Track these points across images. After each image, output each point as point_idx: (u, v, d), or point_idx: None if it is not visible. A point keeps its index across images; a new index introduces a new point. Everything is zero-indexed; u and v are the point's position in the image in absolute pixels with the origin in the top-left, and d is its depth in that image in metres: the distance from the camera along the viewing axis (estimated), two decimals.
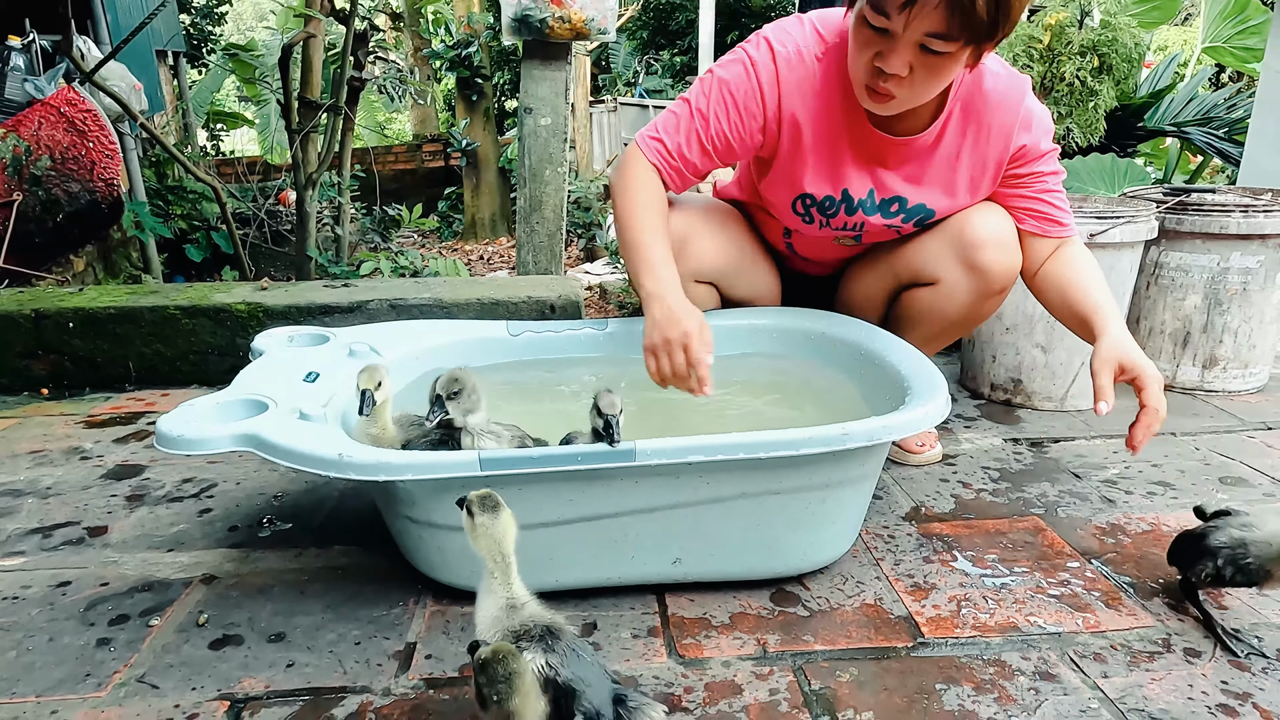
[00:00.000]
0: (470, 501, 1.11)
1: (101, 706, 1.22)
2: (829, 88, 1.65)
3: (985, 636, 1.36)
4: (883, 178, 1.73)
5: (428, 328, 1.93)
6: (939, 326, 1.84)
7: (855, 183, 1.73)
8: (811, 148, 1.70)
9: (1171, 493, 1.84)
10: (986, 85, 1.65)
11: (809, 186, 1.75)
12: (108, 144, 2.92)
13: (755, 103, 1.66)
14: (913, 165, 1.72)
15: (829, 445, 1.30)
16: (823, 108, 1.66)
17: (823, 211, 1.79)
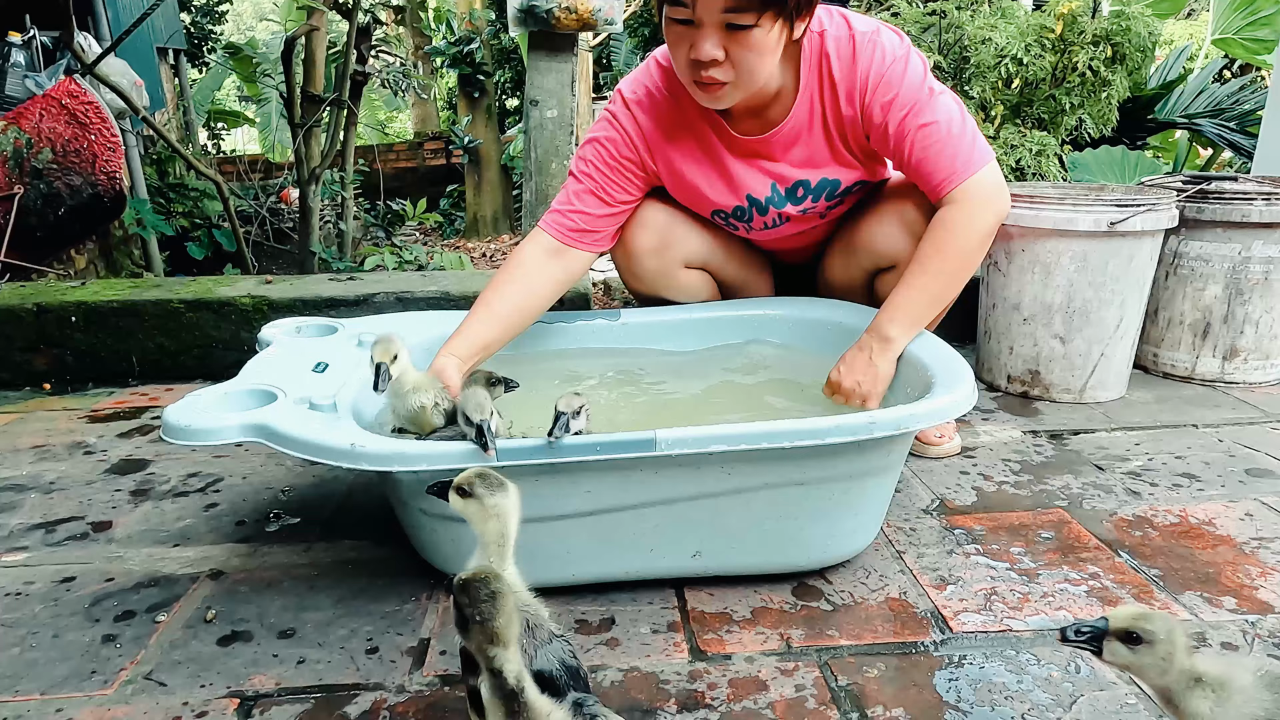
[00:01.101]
0: (472, 483, 1.05)
1: (108, 704, 1.19)
2: (688, 114, 1.71)
3: (1015, 631, 1.32)
4: (775, 170, 1.73)
5: (438, 319, 1.89)
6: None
7: (754, 184, 1.75)
8: (694, 170, 1.75)
9: (1198, 485, 1.80)
10: (830, 51, 1.61)
11: (716, 200, 1.79)
12: (110, 137, 2.88)
13: (627, 148, 1.74)
14: (798, 148, 1.71)
15: (855, 434, 1.27)
16: (688, 133, 1.72)
17: (741, 219, 1.82)
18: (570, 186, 1.77)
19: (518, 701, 0.86)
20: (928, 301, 1.62)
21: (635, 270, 1.91)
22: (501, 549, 1.06)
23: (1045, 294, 2.21)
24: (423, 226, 8.42)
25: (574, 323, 1.90)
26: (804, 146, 1.71)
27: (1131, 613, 0.90)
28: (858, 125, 1.65)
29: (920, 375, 1.53)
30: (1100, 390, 2.27)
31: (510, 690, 0.86)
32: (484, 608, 0.86)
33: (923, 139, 1.58)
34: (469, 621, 0.86)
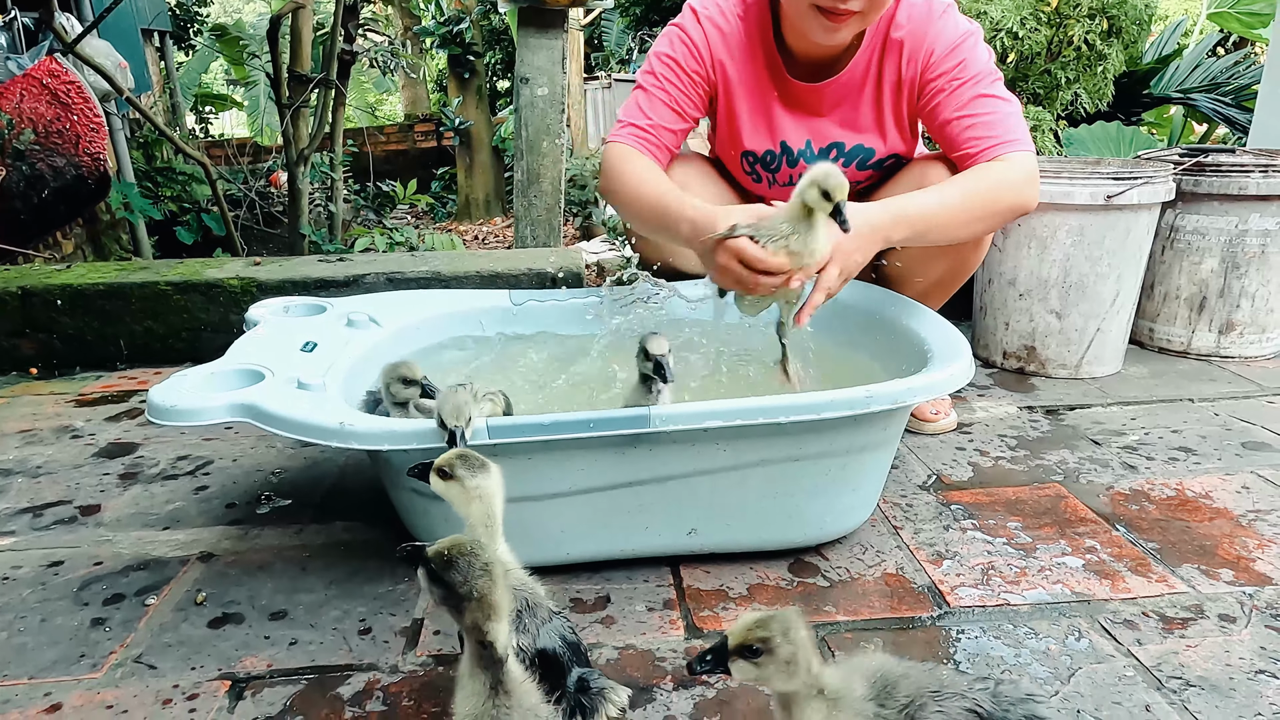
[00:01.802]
0: (452, 465, 1.03)
1: (97, 688, 1.17)
2: (752, 44, 1.70)
3: (1012, 605, 1.32)
4: (817, 126, 1.74)
5: (428, 297, 1.87)
6: (927, 283, 1.80)
7: (791, 134, 1.76)
8: (743, 102, 1.75)
9: (1194, 458, 1.80)
10: (899, 15, 1.63)
11: (749, 143, 1.79)
12: (92, 117, 2.83)
13: (695, 59, 1.71)
14: (843, 109, 1.72)
15: (853, 408, 1.25)
16: (748, 63, 1.71)
17: (766, 168, 1.82)
18: (642, 101, 1.73)
19: (502, 671, 0.84)
20: (940, 223, 1.53)
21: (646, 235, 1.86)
22: (490, 529, 1.04)
23: (1041, 269, 2.19)
24: (414, 210, 8.35)
25: (566, 301, 1.88)
26: (850, 106, 1.72)
27: (746, 623, 0.82)
28: (914, 87, 1.65)
29: (917, 350, 1.52)
30: (1096, 365, 2.26)
31: (498, 659, 0.84)
32: (481, 582, 0.82)
33: (984, 105, 1.59)
34: (465, 599, 0.83)
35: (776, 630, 0.81)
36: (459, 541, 0.85)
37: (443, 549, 0.84)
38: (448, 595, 0.83)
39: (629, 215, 1.72)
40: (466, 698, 0.86)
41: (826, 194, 1.28)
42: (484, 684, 0.84)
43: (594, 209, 6.64)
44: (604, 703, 0.97)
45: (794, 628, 0.81)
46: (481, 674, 0.84)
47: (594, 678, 0.99)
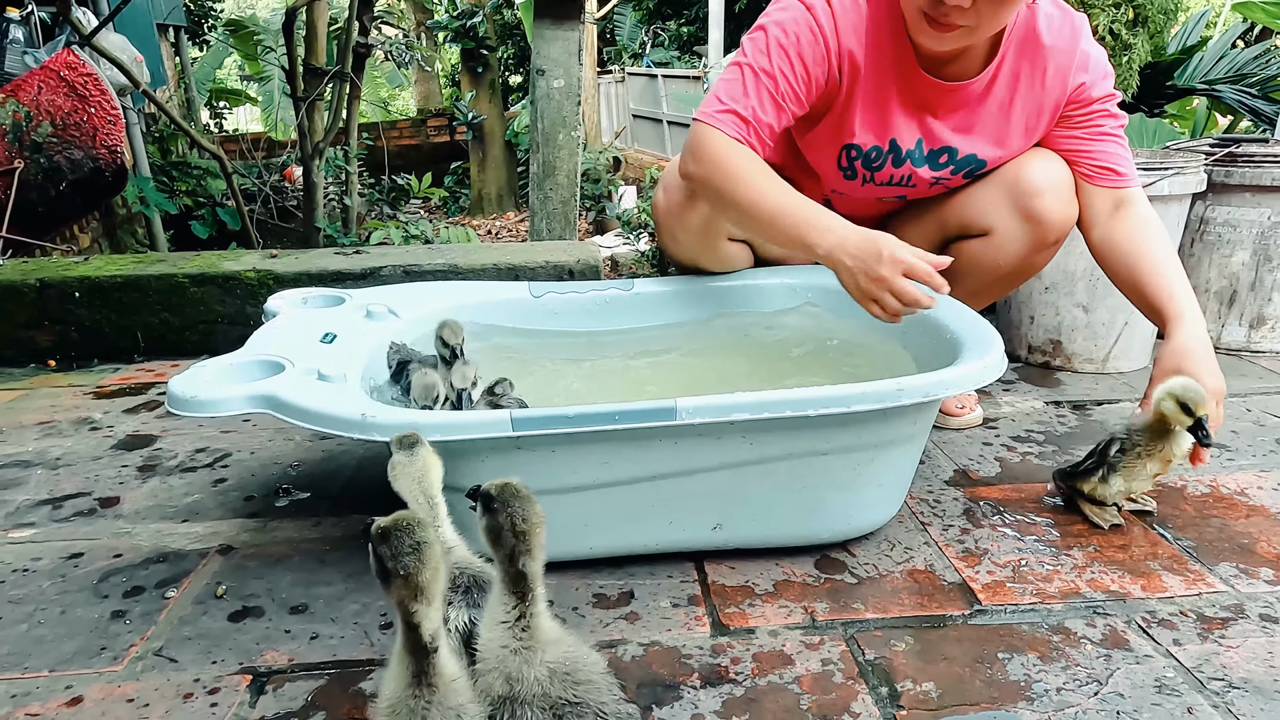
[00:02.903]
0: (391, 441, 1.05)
1: (118, 680, 1.16)
2: (878, 29, 1.55)
3: (1046, 603, 1.29)
4: (932, 127, 1.64)
5: (447, 289, 1.85)
6: (988, 280, 1.75)
7: (904, 132, 1.65)
8: (865, 95, 1.60)
9: (1227, 454, 1.76)
10: (1040, 26, 1.57)
11: (857, 137, 1.65)
12: (109, 109, 2.83)
13: (819, 49, 1.54)
14: (963, 113, 1.63)
15: (882, 401, 1.22)
16: (874, 50, 1.57)
17: (868, 165, 1.70)
18: (748, 83, 1.52)
19: (428, 660, 0.80)
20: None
21: (677, 235, 1.79)
22: (431, 508, 1.03)
23: (1068, 261, 2.15)
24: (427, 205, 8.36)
25: (586, 293, 1.86)
26: (970, 111, 1.63)
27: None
28: (1060, 102, 1.62)
29: (947, 343, 1.49)
30: (1123, 360, 2.22)
31: (423, 646, 0.79)
32: (407, 560, 0.78)
33: (1112, 128, 1.65)
34: (390, 574, 0.79)
35: None
36: (401, 516, 0.82)
37: (385, 522, 0.80)
38: (379, 570, 0.79)
39: (735, 216, 1.58)
40: (388, 682, 0.82)
41: (1185, 407, 1.34)
42: (408, 671, 0.80)
43: (607, 203, 6.62)
44: None
45: None
46: (408, 660, 0.80)
47: None
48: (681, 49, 10.93)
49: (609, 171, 6.96)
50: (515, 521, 0.86)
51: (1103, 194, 1.65)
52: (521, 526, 0.86)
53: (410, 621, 0.79)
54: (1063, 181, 1.65)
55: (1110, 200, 1.65)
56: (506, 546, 0.86)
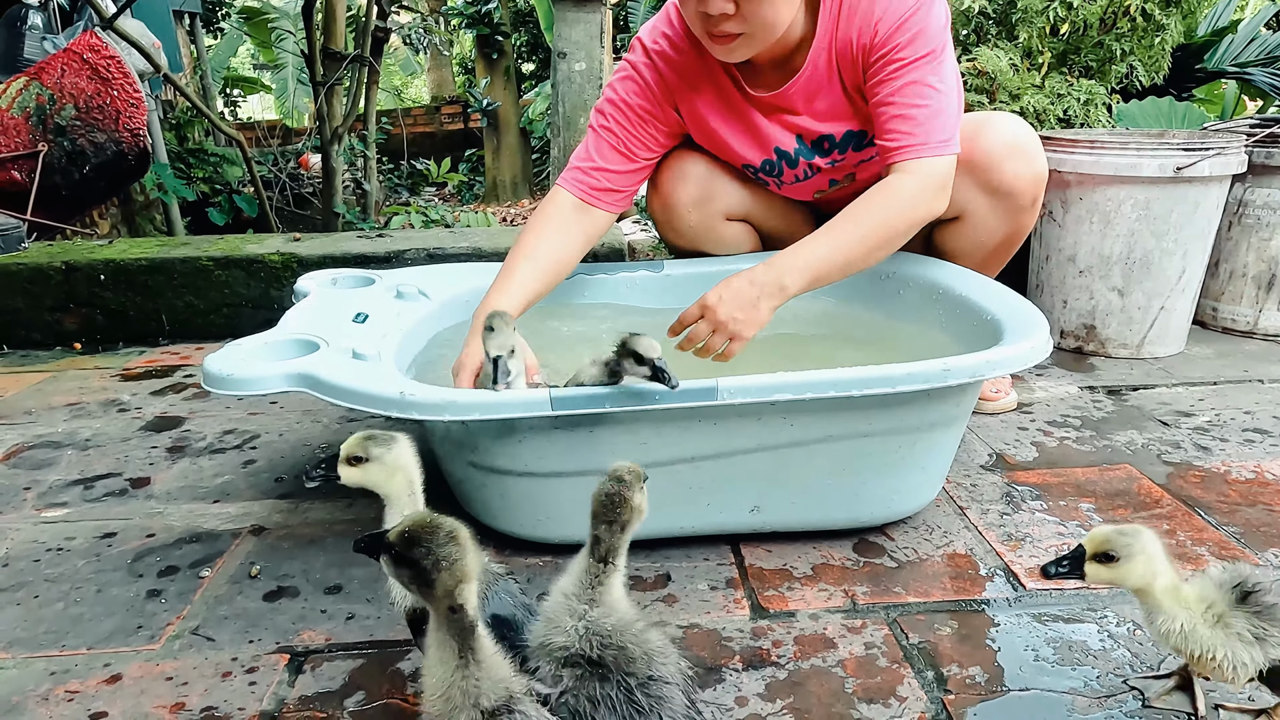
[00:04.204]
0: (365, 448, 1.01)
1: (156, 659, 1.16)
2: (709, 66, 1.62)
3: (1092, 588, 1.26)
4: (799, 123, 1.65)
5: (476, 270, 1.83)
6: (980, 256, 1.74)
7: (780, 138, 1.67)
8: (720, 124, 1.67)
9: (1270, 440, 1.72)
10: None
11: (745, 156, 1.71)
12: (132, 92, 2.82)
13: (648, 100, 1.64)
14: (818, 100, 1.61)
15: (929, 382, 1.20)
16: (711, 84, 1.64)
17: (771, 174, 1.75)
18: (590, 142, 1.68)
19: (474, 638, 0.80)
20: (839, 263, 1.46)
21: (675, 225, 1.83)
22: (413, 499, 1.02)
23: (1104, 245, 2.11)
24: (441, 192, 8.34)
25: (615, 274, 1.84)
26: (824, 98, 1.61)
27: (1102, 534, 0.91)
28: (863, 62, 1.52)
29: (985, 325, 1.46)
30: (1159, 345, 2.18)
31: (469, 625, 0.79)
32: (447, 549, 0.77)
33: (910, 94, 1.47)
34: (433, 571, 0.77)
35: (1133, 541, 0.89)
36: (415, 518, 0.81)
37: (403, 528, 0.80)
38: (416, 574, 0.78)
39: None
40: (433, 669, 0.82)
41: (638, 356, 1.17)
42: (453, 652, 0.80)
43: None
44: None
45: (1147, 539, 0.90)
46: (450, 642, 0.80)
47: None
48: None
49: None
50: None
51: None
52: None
53: (454, 606, 0.79)
54: (1020, 142, 1.62)
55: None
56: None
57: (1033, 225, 1.75)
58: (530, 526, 1.35)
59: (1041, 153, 1.65)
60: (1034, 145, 1.65)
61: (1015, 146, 1.63)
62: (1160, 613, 0.93)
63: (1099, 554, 0.90)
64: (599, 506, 0.92)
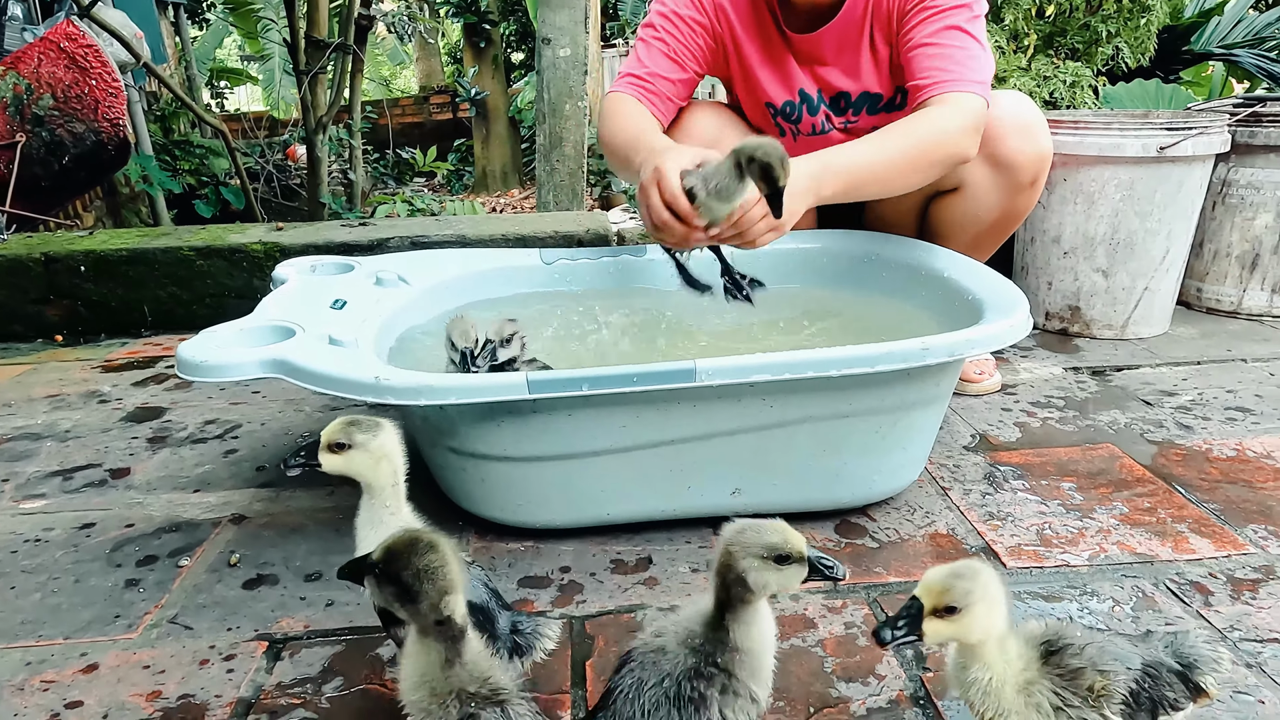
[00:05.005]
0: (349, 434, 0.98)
1: (134, 648, 1.15)
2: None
3: (1072, 566, 1.26)
4: (823, 74, 1.70)
5: (458, 256, 1.82)
6: (976, 232, 1.74)
7: (805, 83, 1.72)
8: (754, 53, 1.71)
9: (1252, 418, 1.73)
10: None
11: (769, 94, 1.75)
12: (110, 82, 2.79)
13: (694, 7, 1.68)
14: (846, 55, 1.66)
15: (908, 361, 1.20)
16: (754, 16, 1.68)
17: (788, 119, 1.77)
18: (641, 51, 1.70)
19: (463, 642, 0.78)
20: (877, 175, 1.45)
21: None
22: (396, 489, 1.00)
23: (1088, 225, 2.11)
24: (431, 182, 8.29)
25: (599, 259, 1.83)
26: (851, 52, 1.66)
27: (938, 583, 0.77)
28: (896, 16, 1.58)
29: (967, 304, 1.46)
30: (1143, 326, 2.18)
31: (459, 631, 0.78)
32: (430, 559, 0.76)
33: (945, 37, 1.51)
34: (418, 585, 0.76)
35: (973, 586, 0.76)
36: (394, 536, 0.79)
37: (385, 546, 0.78)
38: (401, 591, 0.77)
39: (609, 156, 1.67)
40: (414, 658, 0.80)
41: (767, 171, 1.21)
42: (439, 654, 0.78)
43: (613, 178, 6.55)
44: (539, 639, 0.97)
45: (988, 580, 0.77)
46: (435, 646, 0.78)
47: (523, 619, 0.98)
48: None
49: None
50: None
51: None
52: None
53: (441, 619, 0.77)
54: (1026, 118, 1.63)
55: None
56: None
57: (1029, 210, 1.74)
58: (510, 511, 1.34)
59: (1047, 132, 1.65)
60: (1040, 123, 1.65)
61: (1021, 121, 1.63)
62: (977, 660, 0.80)
63: (938, 608, 0.76)
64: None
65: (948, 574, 0.77)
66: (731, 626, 0.81)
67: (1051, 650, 0.82)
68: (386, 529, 0.97)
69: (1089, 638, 0.83)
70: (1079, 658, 0.81)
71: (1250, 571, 1.24)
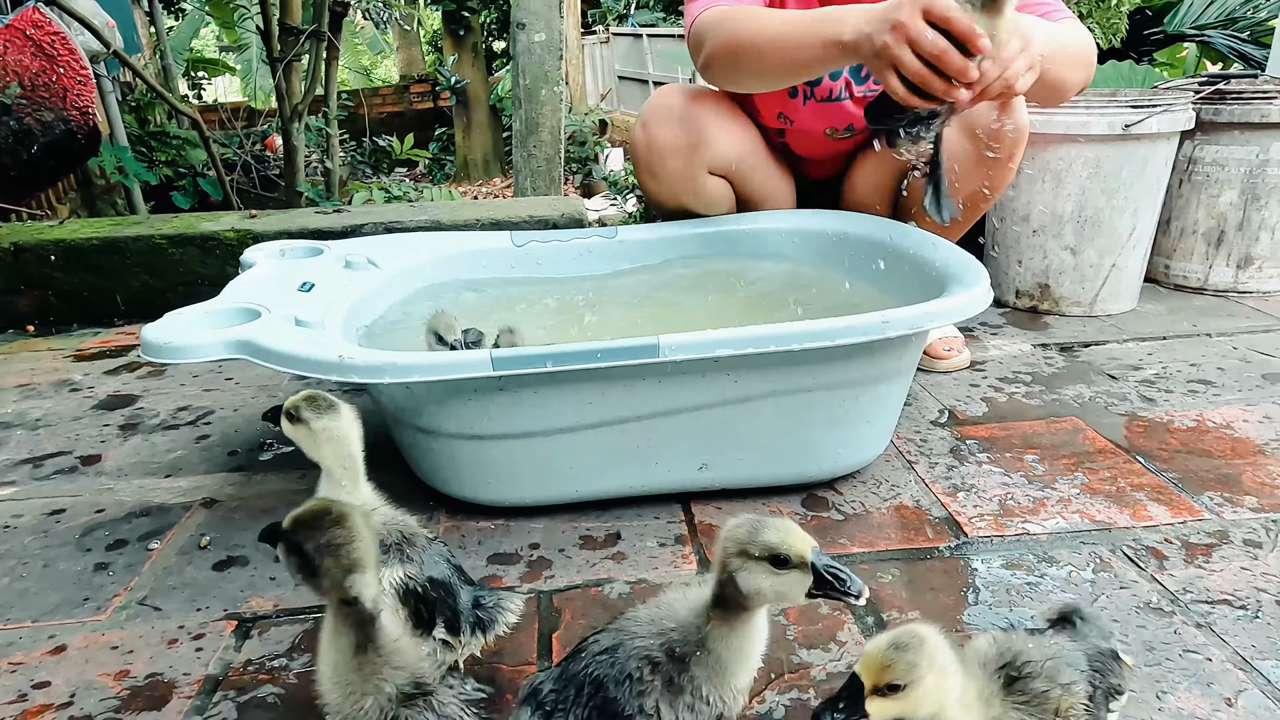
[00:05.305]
0: (298, 407, 0.98)
1: (102, 629, 1.15)
2: None
3: (1032, 534, 1.29)
4: None
5: (427, 240, 1.82)
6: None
7: None
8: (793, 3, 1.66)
9: (1213, 390, 1.76)
10: None
11: None
12: (79, 70, 2.76)
13: None
14: None
15: (868, 334, 1.21)
16: None
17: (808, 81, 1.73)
18: None
19: (373, 628, 0.75)
20: (1062, 54, 1.42)
21: (656, 170, 1.79)
22: (350, 472, 0.99)
23: (1056, 204, 2.13)
24: (413, 172, 8.26)
25: (569, 241, 1.83)
26: None
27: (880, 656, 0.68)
28: None
29: (932, 279, 1.47)
30: (1111, 303, 2.21)
31: (368, 616, 0.75)
32: (334, 533, 0.73)
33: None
34: (320, 559, 0.73)
35: (918, 658, 0.68)
36: (310, 503, 0.77)
37: (293, 514, 0.76)
38: (303, 563, 0.74)
39: (751, 62, 1.50)
40: (327, 652, 0.77)
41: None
42: (350, 643, 0.75)
43: (594, 166, 6.55)
44: (501, 613, 0.97)
45: (935, 647, 0.69)
46: (348, 633, 0.75)
47: (486, 593, 0.99)
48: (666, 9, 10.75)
49: (595, 134, 6.88)
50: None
51: None
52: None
53: (346, 599, 0.74)
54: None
55: None
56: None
57: (1003, 187, 1.75)
58: (480, 490, 1.35)
59: (1025, 109, 1.66)
60: (1019, 99, 1.64)
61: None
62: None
63: (880, 686, 0.68)
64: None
65: (888, 645, 0.69)
66: (713, 625, 0.77)
67: (1013, 677, 0.78)
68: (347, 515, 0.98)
69: (1043, 652, 0.80)
70: (1040, 678, 0.77)
71: (1204, 537, 1.27)
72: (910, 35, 1.19)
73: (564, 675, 0.79)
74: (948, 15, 1.15)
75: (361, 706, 0.74)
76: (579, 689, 0.77)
